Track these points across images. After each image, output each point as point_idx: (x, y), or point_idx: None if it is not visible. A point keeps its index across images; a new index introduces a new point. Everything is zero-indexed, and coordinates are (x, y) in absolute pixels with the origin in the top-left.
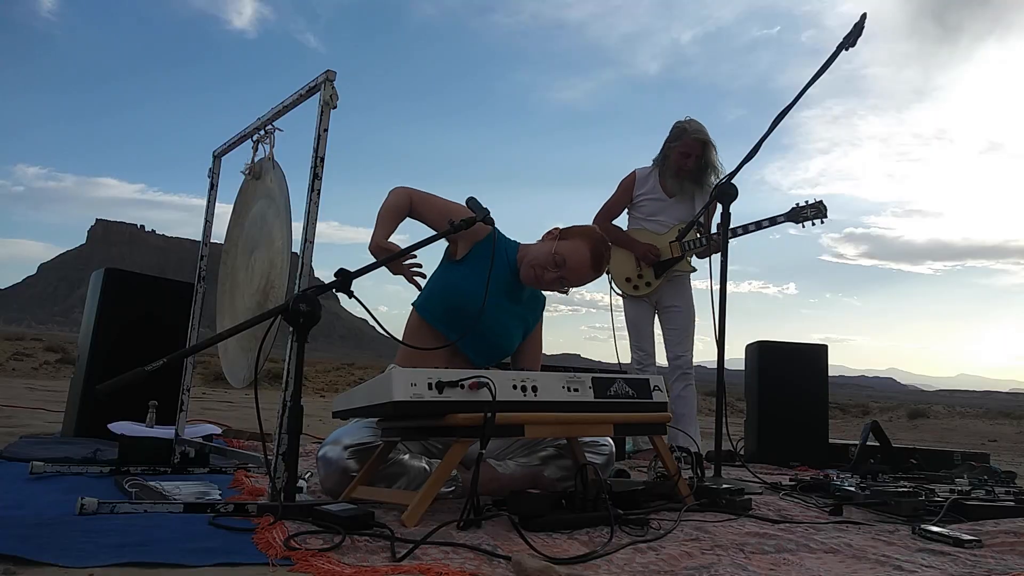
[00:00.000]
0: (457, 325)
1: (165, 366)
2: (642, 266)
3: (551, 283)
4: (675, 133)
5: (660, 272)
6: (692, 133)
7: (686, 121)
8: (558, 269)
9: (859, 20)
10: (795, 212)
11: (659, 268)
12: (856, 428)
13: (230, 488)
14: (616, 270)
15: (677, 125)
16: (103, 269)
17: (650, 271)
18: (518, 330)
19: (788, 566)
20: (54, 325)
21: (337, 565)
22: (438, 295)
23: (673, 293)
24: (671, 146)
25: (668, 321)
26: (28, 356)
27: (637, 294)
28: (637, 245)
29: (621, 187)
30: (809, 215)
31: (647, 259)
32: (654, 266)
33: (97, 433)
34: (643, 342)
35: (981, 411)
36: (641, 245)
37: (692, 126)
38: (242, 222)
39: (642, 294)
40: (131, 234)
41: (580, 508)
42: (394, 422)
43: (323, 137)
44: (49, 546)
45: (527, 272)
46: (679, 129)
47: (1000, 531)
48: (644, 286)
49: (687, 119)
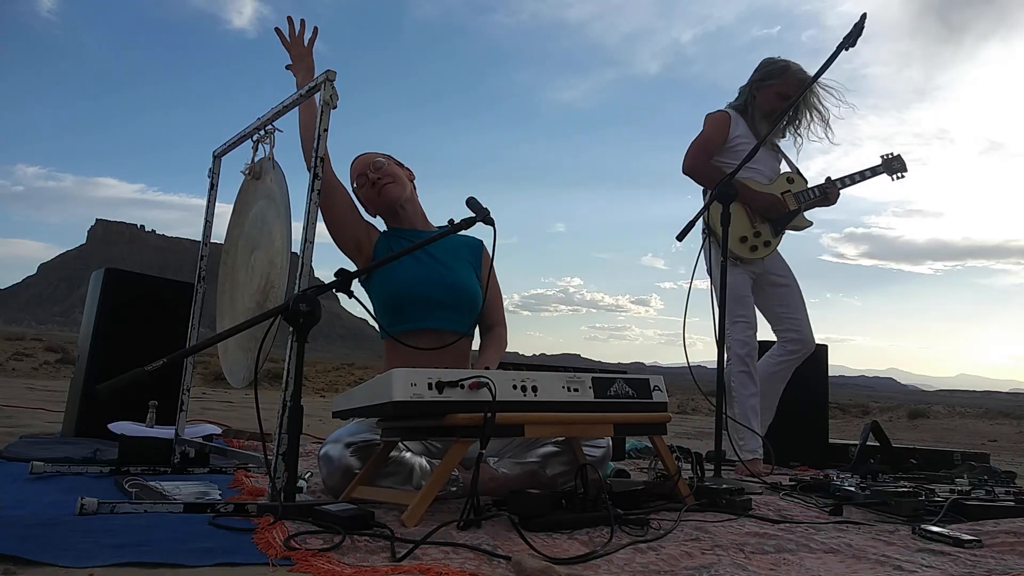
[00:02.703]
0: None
1: (165, 366)
2: (757, 222)
3: (377, 180)
4: (774, 70)
5: (780, 229)
6: (799, 73)
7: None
8: (364, 176)
9: (859, 20)
10: (887, 163)
11: (778, 224)
12: (856, 428)
13: (230, 488)
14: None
15: (777, 63)
16: (103, 269)
17: (767, 227)
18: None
19: (788, 566)
20: (54, 325)
21: (337, 565)
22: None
23: (780, 262)
24: (767, 84)
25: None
26: (28, 356)
27: (755, 256)
28: (757, 195)
29: (714, 122)
30: (895, 167)
31: (772, 212)
32: (771, 222)
33: (97, 433)
34: (747, 310)
35: (981, 411)
36: (762, 195)
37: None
38: (242, 222)
39: (761, 256)
40: (131, 234)
41: (580, 508)
42: (394, 422)
43: (323, 137)
44: (49, 546)
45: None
46: (780, 66)
47: (1000, 531)
48: (763, 246)
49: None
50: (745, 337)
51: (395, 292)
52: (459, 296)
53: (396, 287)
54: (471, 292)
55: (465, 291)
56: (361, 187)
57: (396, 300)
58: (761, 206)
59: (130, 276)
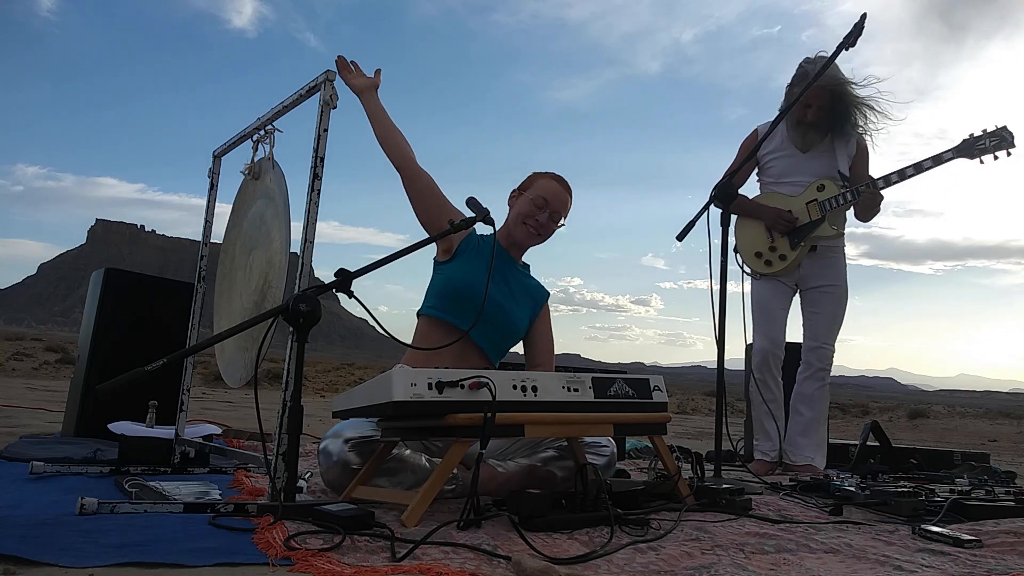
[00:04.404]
0: (464, 313)
1: (165, 366)
2: (774, 236)
3: (547, 224)
4: (796, 76)
5: (797, 241)
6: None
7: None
8: (544, 209)
9: (859, 20)
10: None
11: (795, 236)
12: (856, 428)
13: (230, 488)
14: (744, 245)
15: (801, 67)
16: (103, 269)
17: (784, 241)
18: (523, 313)
19: (788, 566)
20: (54, 325)
21: (337, 565)
22: (440, 292)
23: (821, 269)
24: (792, 92)
25: (812, 303)
26: (28, 356)
27: (771, 271)
28: (765, 211)
29: (741, 148)
30: (988, 146)
31: (778, 226)
32: (788, 235)
33: (97, 433)
34: (773, 329)
35: (981, 411)
36: (769, 210)
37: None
38: (241, 222)
39: (777, 270)
40: (131, 234)
41: (580, 508)
42: (394, 422)
43: (323, 137)
44: (49, 546)
45: (523, 231)
46: (801, 72)
47: (1000, 531)
48: (778, 260)
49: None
50: (759, 347)
51: (455, 282)
52: (499, 317)
53: (460, 279)
54: (514, 321)
55: (508, 316)
56: (538, 210)
57: (451, 287)
58: (768, 220)
59: (130, 276)
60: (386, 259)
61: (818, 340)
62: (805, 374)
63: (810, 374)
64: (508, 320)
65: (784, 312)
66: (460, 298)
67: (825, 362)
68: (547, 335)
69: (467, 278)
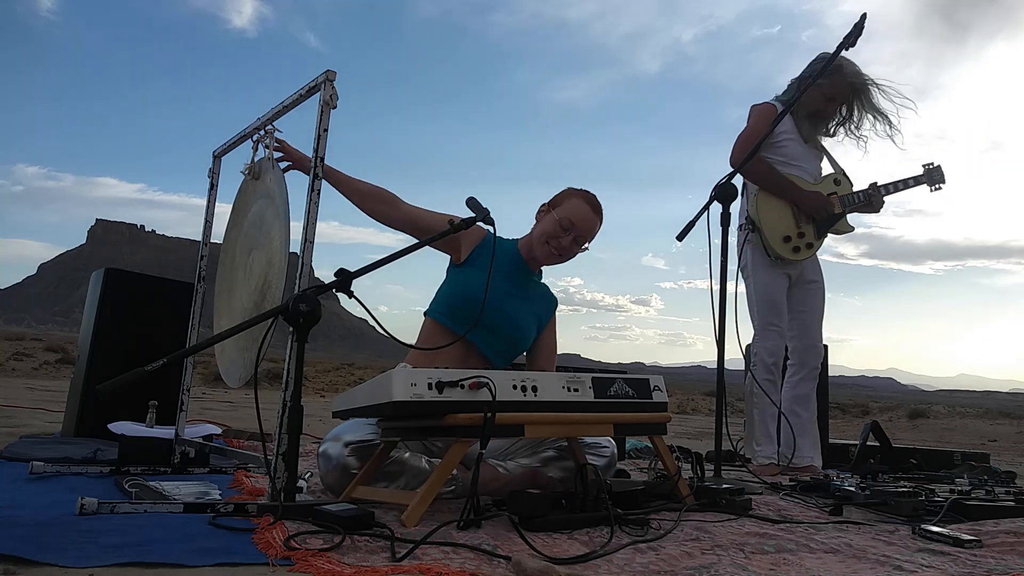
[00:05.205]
0: (469, 320)
1: (165, 366)
2: (803, 222)
3: (570, 247)
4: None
5: (824, 231)
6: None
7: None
8: (569, 231)
9: (859, 20)
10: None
11: (823, 226)
12: (856, 428)
13: (230, 488)
14: (771, 227)
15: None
16: (103, 269)
17: (811, 229)
18: (530, 322)
19: (788, 566)
20: (54, 325)
21: (337, 565)
22: (448, 296)
23: (812, 264)
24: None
25: (801, 300)
26: (28, 356)
27: (797, 257)
28: (807, 195)
29: (759, 114)
30: (936, 178)
31: (821, 214)
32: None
33: (97, 433)
34: (779, 318)
35: (981, 411)
36: (811, 194)
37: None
38: (241, 222)
39: (803, 258)
40: (131, 234)
41: (580, 508)
42: (394, 422)
43: (323, 137)
44: (49, 546)
45: (545, 250)
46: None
47: (1000, 531)
48: (805, 248)
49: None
50: (773, 346)
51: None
52: (509, 328)
53: (468, 288)
54: (524, 334)
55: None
56: (563, 232)
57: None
58: (810, 206)
59: (130, 276)
60: (386, 259)
61: (813, 339)
62: (799, 374)
63: (805, 374)
64: (520, 334)
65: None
66: (464, 303)
67: (819, 361)
68: (550, 343)
69: (475, 285)
